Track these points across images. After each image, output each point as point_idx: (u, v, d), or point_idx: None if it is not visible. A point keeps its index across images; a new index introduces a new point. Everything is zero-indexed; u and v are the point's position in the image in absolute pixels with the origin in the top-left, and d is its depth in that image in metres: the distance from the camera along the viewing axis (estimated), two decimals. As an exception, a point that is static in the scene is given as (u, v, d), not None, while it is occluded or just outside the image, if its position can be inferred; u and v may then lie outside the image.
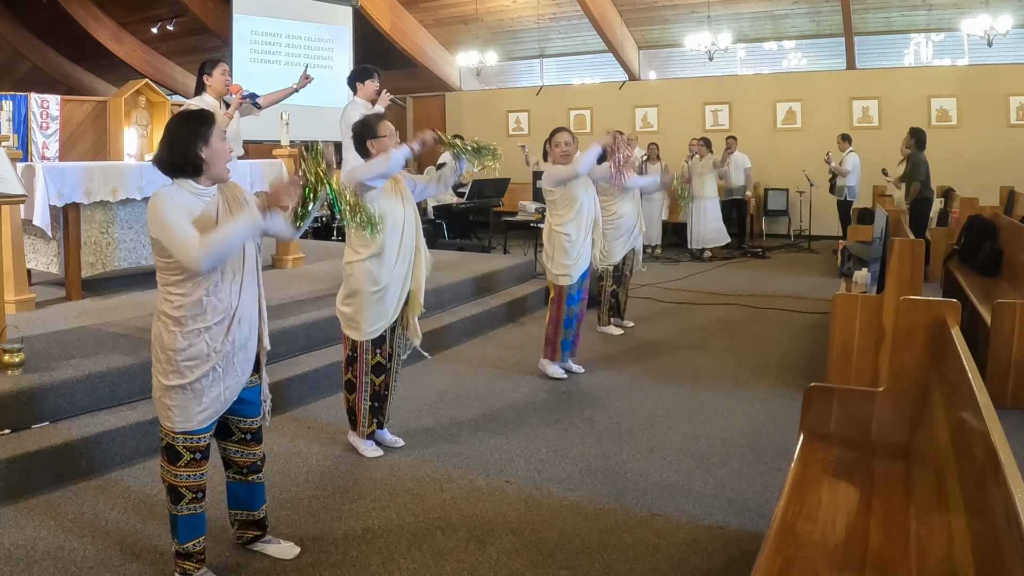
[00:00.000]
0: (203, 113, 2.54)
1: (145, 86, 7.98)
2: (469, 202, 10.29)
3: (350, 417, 3.82)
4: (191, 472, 2.57)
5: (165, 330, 2.51)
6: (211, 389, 2.54)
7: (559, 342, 5.03)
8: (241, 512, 2.85)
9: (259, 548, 2.88)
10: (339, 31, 12.11)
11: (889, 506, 2.39)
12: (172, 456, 2.56)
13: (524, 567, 2.81)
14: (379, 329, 3.67)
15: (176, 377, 2.50)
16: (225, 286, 2.52)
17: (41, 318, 4.79)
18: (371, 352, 3.69)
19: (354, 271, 3.63)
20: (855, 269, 5.69)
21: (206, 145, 2.45)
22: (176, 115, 2.56)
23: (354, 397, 3.74)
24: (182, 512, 2.59)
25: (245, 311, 2.58)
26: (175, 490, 2.57)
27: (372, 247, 3.58)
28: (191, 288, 2.47)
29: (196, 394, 2.52)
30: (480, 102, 14.61)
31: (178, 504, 2.58)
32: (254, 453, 2.79)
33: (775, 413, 4.39)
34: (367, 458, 3.75)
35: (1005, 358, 4.48)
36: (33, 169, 5.00)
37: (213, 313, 2.50)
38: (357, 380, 3.71)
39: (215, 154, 2.47)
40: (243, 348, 2.60)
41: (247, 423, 2.74)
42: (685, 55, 12.88)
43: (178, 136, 2.45)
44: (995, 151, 10.64)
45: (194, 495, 2.59)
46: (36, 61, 15.74)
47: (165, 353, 2.51)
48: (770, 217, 12.31)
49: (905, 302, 2.90)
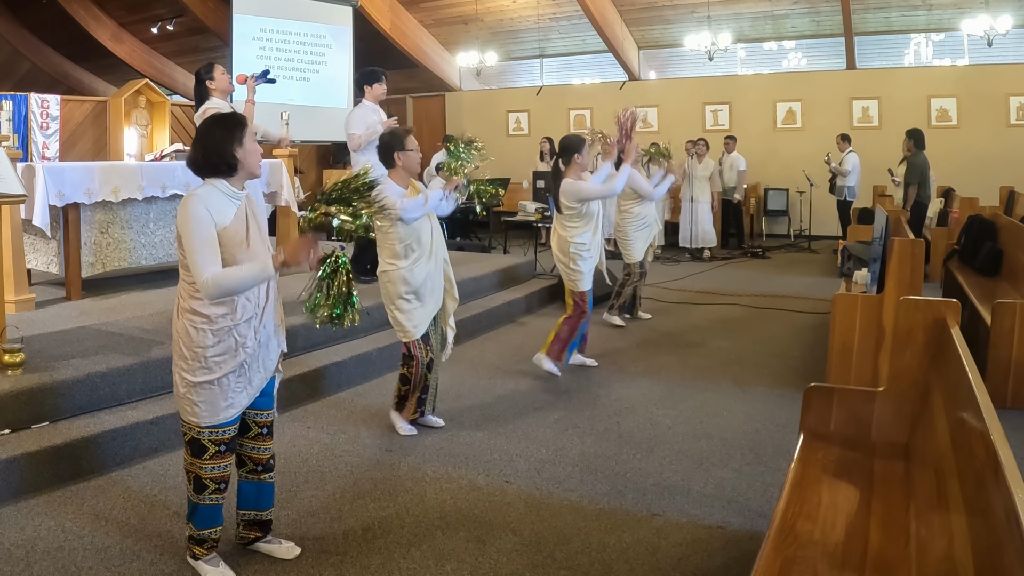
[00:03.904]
0: (236, 115, 2.64)
1: (145, 86, 8.00)
2: (469, 202, 10.27)
3: (399, 401, 4.06)
4: (216, 464, 2.65)
5: (192, 328, 2.56)
6: (237, 384, 2.61)
7: (570, 344, 5.09)
8: (249, 512, 2.87)
9: (260, 548, 2.89)
10: (339, 31, 12.10)
11: (889, 506, 2.39)
12: (197, 450, 2.63)
13: (524, 567, 2.81)
14: (422, 327, 3.93)
15: (204, 373, 2.56)
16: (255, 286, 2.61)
17: (41, 318, 4.79)
18: (424, 349, 3.96)
19: (388, 279, 3.88)
20: (855, 269, 5.69)
21: (240, 146, 2.54)
22: (209, 118, 2.65)
23: (406, 388, 4.01)
24: (204, 502, 2.66)
25: (270, 309, 2.68)
26: (200, 480, 2.64)
27: (406, 260, 3.84)
28: None
29: (223, 389, 2.58)
30: (480, 102, 14.60)
31: (201, 494, 2.65)
32: (268, 448, 2.84)
33: (775, 413, 4.39)
34: (368, 457, 3.76)
35: (1005, 358, 4.48)
36: (33, 169, 5.01)
37: (243, 311, 2.58)
38: (412, 375, 3.97)
39: (248, 154, 2.57)
40: (266, 345, 2.68)
41: (263, 416, 2.80)
42: (685, 55, 12.88)
43: (213, 137, 2.54)
44: (995, 151, 10.63)
45: (217, 486, 2.66)
46: (36, 61, 15.73)
47: (192, 351, 2.57)
48: (770, 217, 12.30)
49: (905, 302, 2.90)
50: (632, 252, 6.40)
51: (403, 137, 3.84)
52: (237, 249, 2.54)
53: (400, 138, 3.84)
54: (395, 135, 3.87)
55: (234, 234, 2.54)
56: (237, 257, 2.53)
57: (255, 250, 2.60)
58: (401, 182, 3.83)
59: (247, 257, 2.56)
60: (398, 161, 3.82)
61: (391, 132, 3.94)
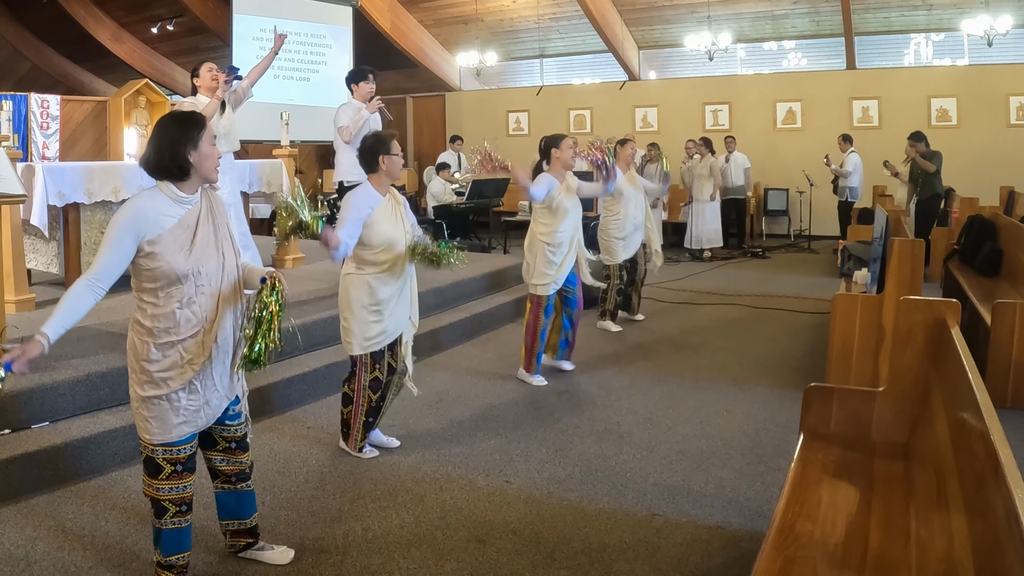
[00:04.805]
0: (194, 115, 2.48)
1: (145, 86, 7.98)
2: (469, 202, 10.28)
3: (343, 429, 3.80)
4: (173, 485, 2.49)
5: (139, 340, 2.43)
6: (190, 402, 2.45)
7: (536, 352, 4.93)
8: (232, 522, 2.79)
9: (252, 556, 2.83)
10: (339, 31, 12.11)
11: (889, 506, 2.39)
12: (152, 469, 2.48)
13: (524, 567, 2.81)
14: (376, 344, 3.63)
15: (152, 388, 2.42)
16: (200, 298, 2.43)
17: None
18: (370, 367, 3.66)
19: (352, 282, 3.62)
20: (855, 269, 5.69)
21: (195, 149, 2.39)
22: (166, 116, 2.49)
23: (349, 411, 3.73)
24: (166, 526, 2.51)
25: (224, 323, 2.49)
26: (158, 503, 2.49)
27: (376, 266, 3.59)
28: (164, 299, 2.40)
29: (173, 405, 2.43)
30: (480, 102, 14.60)
31: (161, 518, 2.50)
32: (240, 461, 2.70)
33: (775, 413, 4.39)
34: (365, 459, 3.76)
35: (1005, 358, 4.48)
36: (33, 169, 5.01)
37: (187, 326, 2.41)
38: (354, 394, 3.69)
39: (203, 158, 2.41)
40: (221, 361, 2.51)
41: (230, 431, 2.65)
42: (685, 55, 12.88)
43: (167, 138, 2.39)
44: (995, 151, 10.63)
45: (178, 508, 2.51)
46: (36, 61, 15.73)
47: (139, 363, 2.43)
48: (770, 217, 12.30)
49: (905, 302, 2.90)
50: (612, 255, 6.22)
51: (389, 141, 3.65)
52: (177, 255, 2.38)
53: (386, 142, 3.64)
54: (380, 138, 3.68)
55: (174, 239, 2.38)
56: (176, 263, 2.37)
57: (200, 256, 2.42)
58: (381, 188, 3.64)
59: (188, 263, 2.39)
60: (382, 165, 3.61)
61: (375, 135, 3.73)
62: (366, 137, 3.76)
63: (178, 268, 2.38)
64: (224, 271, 2.50)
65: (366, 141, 3.70)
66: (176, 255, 2.38)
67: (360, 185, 3.68)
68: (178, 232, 2.40)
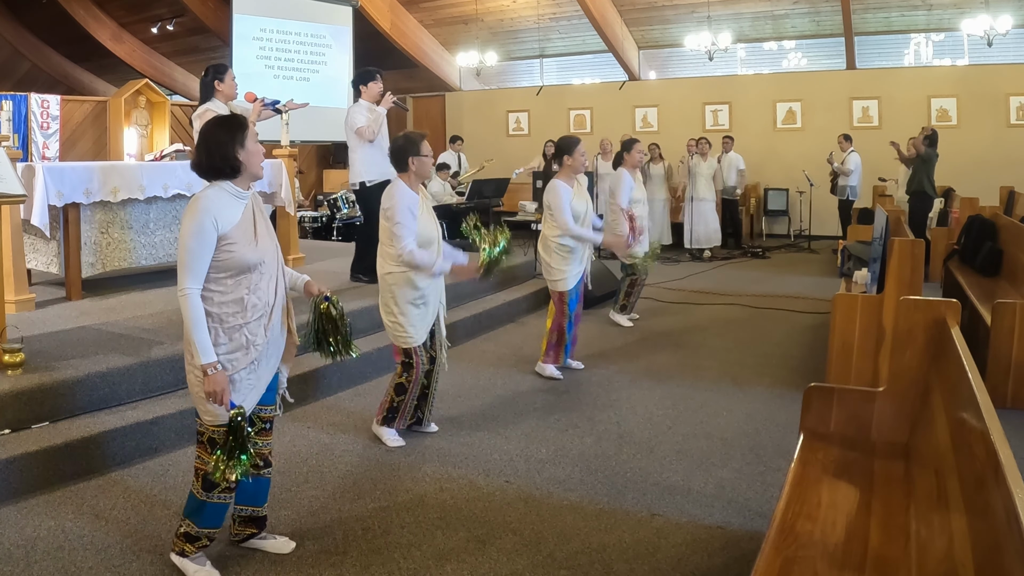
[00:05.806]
0: (237, 118, 2.68)
1: (145, 86, 8.00)
2: (469, 202, 10.28)
3: (388, 414, 3.92)
4: None
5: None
6: (248, 381, 2.64)
7: (563, 346, 5.09)
8: (247, 508, 2.87)
9: (255, 545, 2.90)
10: (339, 31, 12.10)
11: (889, 506, 2.39)
12: (212, 445, 2.63)
13: (524, 567, 2.81)
14: (426, 330, 3.86)
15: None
16: (263, 284, 2.64)
17: (41, 318, 4.79)
18: (426, 357, 3.88)
19: (396, 280, 3.78)
20: (855, 269, 5.69)
21: (243, 148, 2.58)
22: (211, 121, 2.68)
23: (401, 399, 3.88)
24: (212, 499, 2.67)
25: (278, 307, 2.70)
26: (209, 479, 2.63)
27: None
28: (233, 286, 2.58)
29: (236, 386, 2.60)
30: (480, 102, 14.60)
31: (210, 492, 2.66)
32: (268, 444, 2.86)
33: (775, 413, 4.39)
34: (368, 457, 3.76)
35: (1005, 358, 4.48)
36: (33, 169, 5.00)
37: (253, 310, 2.61)
38: (410, 384, 3.86)
39: (251, 156, 2.60)
40: (275, 342, 2.71)
41: (267, 411, 2.82)
42: (685, 55, 12.88)
43: (216, 140, 2.58)
44: (995, 151, 10.63)
45: (228, 483, 2.65)
46: (36, 61, 15.73)
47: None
48: (770, 217, 12.31)
49: (905, 302, 2.90)
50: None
51: (419, 142, 3.78)
52: (248, 246, 2.58)
53: (416, 143, 3.78)
54: (410, 139, 3.81)
55: (243, 232, 2.59)
56: (247, 254, 2.57)
57: (263, 246, 2.64)
58: (413, 187, 3.79)
59: (257, 253, 2.60)
60: (412, 166, 3.77)
61: (406, 136, 3.85)
62: (396, 138, 3.94)
63: (248, 258, 2.58)
64: (278, 260, 2.74)
65: (396, 142, 3.87)
66: (246, 247, 2.58)
67: (391, 185, 3.79)
68: (244, 225, 2.60)
